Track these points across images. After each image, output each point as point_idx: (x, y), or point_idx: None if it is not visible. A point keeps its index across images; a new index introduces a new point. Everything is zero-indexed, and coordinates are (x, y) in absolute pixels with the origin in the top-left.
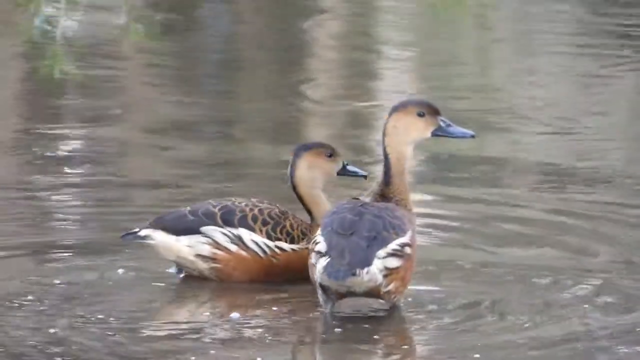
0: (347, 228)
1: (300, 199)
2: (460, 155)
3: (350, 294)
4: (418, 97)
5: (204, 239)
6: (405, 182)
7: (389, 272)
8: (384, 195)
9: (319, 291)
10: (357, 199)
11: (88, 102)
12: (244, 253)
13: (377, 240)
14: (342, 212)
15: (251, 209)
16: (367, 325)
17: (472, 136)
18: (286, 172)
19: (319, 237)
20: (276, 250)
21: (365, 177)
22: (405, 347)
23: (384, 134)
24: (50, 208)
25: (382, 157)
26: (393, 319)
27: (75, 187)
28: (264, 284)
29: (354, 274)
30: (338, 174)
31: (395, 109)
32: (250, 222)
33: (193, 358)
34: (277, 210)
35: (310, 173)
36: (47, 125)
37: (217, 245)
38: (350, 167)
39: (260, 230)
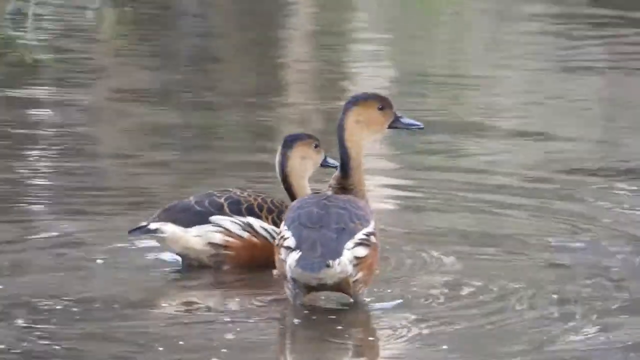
0: (316, 221)
1: (289, 188)
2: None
3: (321, 286)
4: (372, 90)
5: (214, 228)
6: (362, 173)
7: (358, 262)
8: (343, 187)
9: (289, 286)
10: (318, 192)
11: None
12: (255, 240)
13: (345, 232)
14: (307, 206)
15: (255, 199)
16: (333, 317)
17: (421, 127)
18: (274, 162)
19: (286, 232)
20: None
21: (335, 167)
22: (372, 339)
23: (342, 129)
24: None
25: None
26: (356, 309)
27: (45, 158)
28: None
29: (327, 266)
30: (320, 165)
31: (355, 103)
32: (257, 211)
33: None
34: (274, 200)
35: (303, 163)
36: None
37: (228, 233)
38: (329, 160)
39: (267, 218)
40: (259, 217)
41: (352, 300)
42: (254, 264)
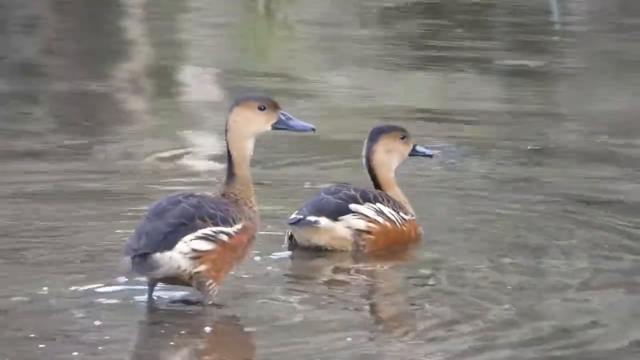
0: (157, 213)
1: (375, 181)
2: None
3: (156, 279)
4: (258, 92)
5: (358, 216)
6: (248, 177)
7: (197, 255)
8: (224, 194)
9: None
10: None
11: None
12: (387, 224)
13: (185, 227)
14: (162, 200)
15: (370, 190)
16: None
17: (313, 129)
18: (361, 155)
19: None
20: (403, 219)
21: (431, 156)
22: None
23: (225, 131)
24: None
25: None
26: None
27: None
28: None
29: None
30: (409, 155)
31: (236, 104)
32: (380, 199)
33: None
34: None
35: (389, 156)
36: None
37: (369, 219)
38: (419, 148)
39: (388, 205)
40: (384, 204)
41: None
42: (387, 245)
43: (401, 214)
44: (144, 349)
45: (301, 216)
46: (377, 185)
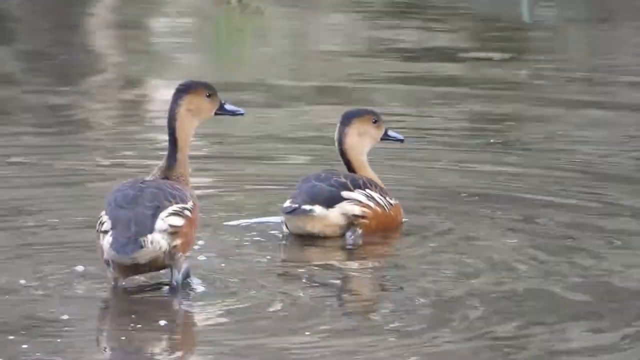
0: (130, 201)
1: (347, 164)
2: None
3: (137, 266)
4: (196, 78)
5: (352, 202)
6: (187, 160)
7: (174, 230)
8: (167, 177)
9: (109, 269)
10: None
11: None
12: (379, 209)
13: (159, 209)
14: (123, 189)
15: (359, 177)
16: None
17: (242, 114)
18: (333, 138)
19: (103, 217)
20: (390, 204)
21: (402, 141)
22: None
23: (173, 118)
24: None
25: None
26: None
27: None
28: None
29: (141, 247)
30: (381, 139)
31: (185, 92)
32: (369, 185)
33: None
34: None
35: (360, 140)
36: None
37: (362, 204)
38: (390, 133)
39: (376, 191)
40: (372, 190)
41: (171, 279)
42: (378, 230)
43: (387, 198)
44: (121, 340)
45: (296, 205)
46: (350, 168)
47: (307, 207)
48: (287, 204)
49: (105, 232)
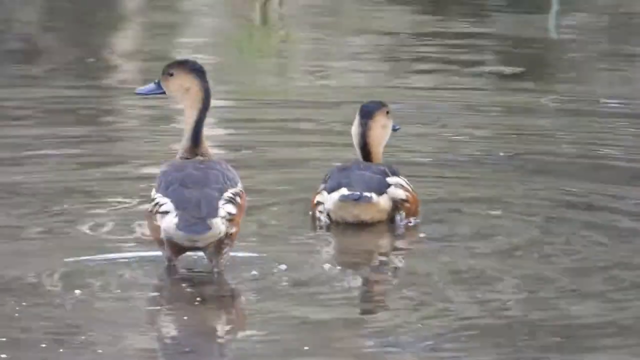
0: (197, 181)
1: (367, 156)
2: None
3: (195, 247)
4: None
5: (397, 187)
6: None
7: (230, 218)
8: (197, 155)
9: (166, 247)
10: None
11: None
12: (414, 194)
13: (221, 191)
14: (181, 169)
15: (389, 164)
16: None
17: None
18: (355, 134)
19: (161, 198)
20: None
21: (397, 130)
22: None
23: (208, 95)
24: None
25: None
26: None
27: None
28: None
29: (209, 228)
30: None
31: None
32: (399, 173)
33: None
34: None
35: (383, 132)
36: None
37: (405, 189)
38: (395, 125)
39: (404, 178)
40: (402, 177)
41: (213, 264)
42: (413, 215)
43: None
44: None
45: (358, 193)
46: (368, 161)
47: (367, 194)
48: (345, 192)
49: (164, 212)
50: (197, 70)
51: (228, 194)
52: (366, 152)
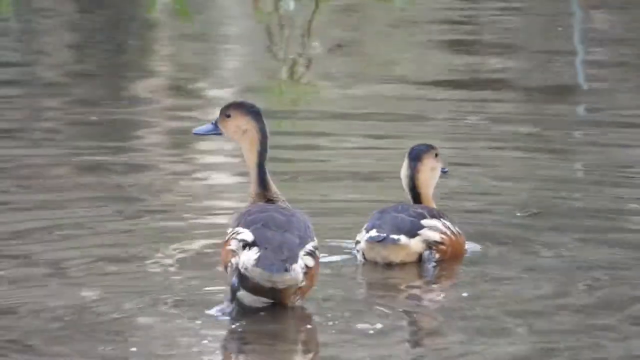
0: (280, 225)
1: (416, 197)
2: None
3: (270, 290)
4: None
5: (432, 229)
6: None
7: (306, 271)
8: (269, 199)
9: (234, 280)
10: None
11: None
12: (453, 237)
13: (302, 240)
14: (267, 211)
15: (431, 207)
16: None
17: (446, 171)
18: (404, 177)
19: (242, 230)
20: (459, 233)
21: (446, 172)
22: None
23: (266, 139)
24: None
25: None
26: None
27: None
28: None
29: (286, 270)
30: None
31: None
32: (442, 215)
33: None
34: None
35: (432, 174)
36: None
37: (441, 231)
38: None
39: (447, 220)
40: (444, 219)
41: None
42: (451, 257)
43: (456, 228)
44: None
45: (384, 234)
46: (417, 202)
47: (395, 236)
48: (373, 233)
49: (243, 241)
50: (254, 112)
51: (309, 246)
52: (415, 194)
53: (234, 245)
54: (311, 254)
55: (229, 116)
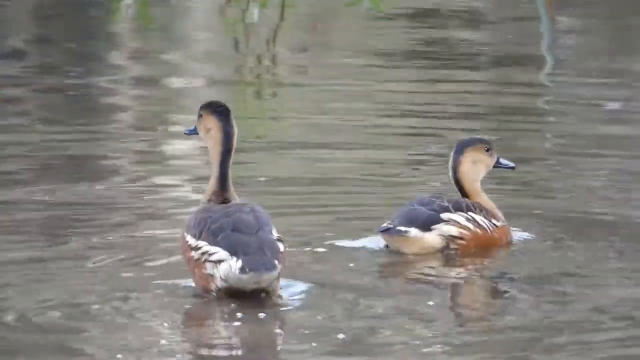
0: (250, 226)
1: (461, 190)
2: None
3: (254, 290)
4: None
5: (450, 223)
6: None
7: (282, 257)
8: (225, 199)
9: (219, 295)
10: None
11: None
12: (479, 231)
13: (272, 233)
14: (230, 215)
15: (463, 200)
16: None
17: (514, 167)
18: (447, 167)
19: (209, 247)
20: (495, 226)
21: (513, 168)
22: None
23: (233, 144)
24: None
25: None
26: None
27: None
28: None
29: (274, 268)
30: (493, 166)
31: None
32: (472, 208)
33: None
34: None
35: (474, 167)
36: None
37: (461, 225)
38: (502, 160)
39: (480, 214)
40: (475, 212)
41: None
42: (476, 249)
43: (493, 221)
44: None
45: (391, 225)
46: (464, 195)
47: (402, 228)
48: (384, 225)
49: (219, 261)
50: (219, 112)
51: (276, 234)
52: (459, 186)
53: (209, 269)
54: (280, 240)
55: (201, 116)
